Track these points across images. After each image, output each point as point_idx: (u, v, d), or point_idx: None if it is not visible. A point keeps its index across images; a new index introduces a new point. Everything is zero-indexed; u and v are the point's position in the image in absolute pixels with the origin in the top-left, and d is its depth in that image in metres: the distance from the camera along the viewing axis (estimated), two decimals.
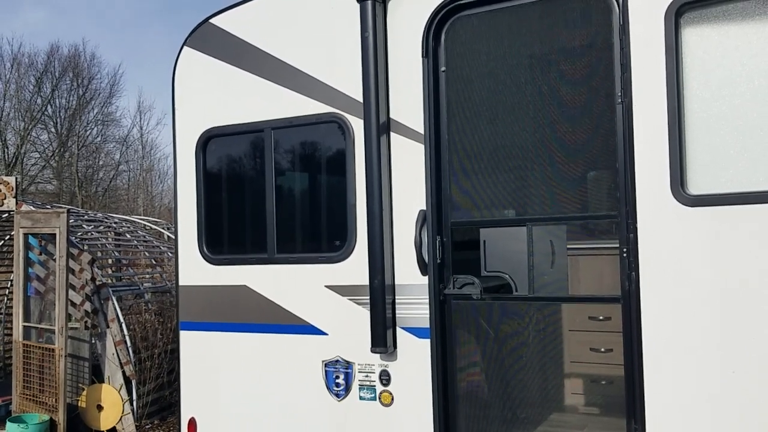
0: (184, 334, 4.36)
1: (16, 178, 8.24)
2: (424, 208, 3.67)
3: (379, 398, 3.78)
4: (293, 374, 4.00)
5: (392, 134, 3.78)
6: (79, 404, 7.77)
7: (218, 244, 4.30)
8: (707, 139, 3.02)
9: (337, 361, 3.88)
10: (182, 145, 4.39)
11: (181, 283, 4.37)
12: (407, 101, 3.75)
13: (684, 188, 3.04)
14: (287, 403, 4.03)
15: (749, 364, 2.90)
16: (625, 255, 3.20)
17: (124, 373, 7.78)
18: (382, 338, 3.66)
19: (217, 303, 4.24)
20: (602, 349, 4.01)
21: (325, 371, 3.91)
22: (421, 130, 3.69)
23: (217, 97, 4.29)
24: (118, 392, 7.72)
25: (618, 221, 3.24)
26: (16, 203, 7.97)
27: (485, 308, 3.63)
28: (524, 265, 3.51)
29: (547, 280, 3.52)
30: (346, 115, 3.90)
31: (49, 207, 8.96)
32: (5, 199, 7.99)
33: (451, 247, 3.67)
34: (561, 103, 3.49)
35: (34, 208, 8.07)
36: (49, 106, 33.97)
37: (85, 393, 7.77)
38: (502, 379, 3.76)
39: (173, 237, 5.26)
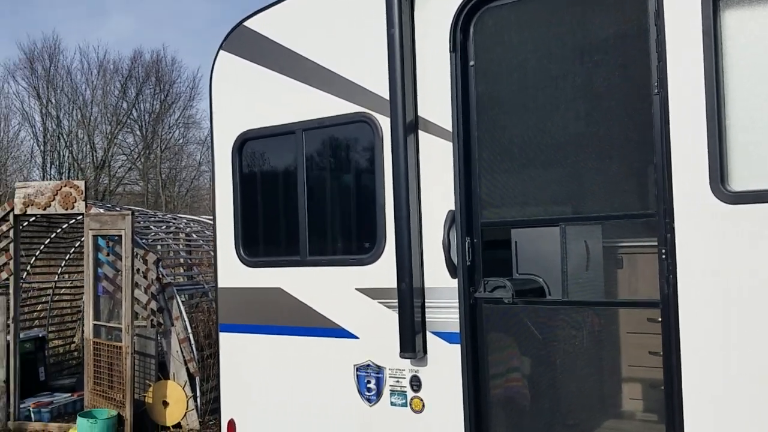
0: (223, 336, 4.41)
1: (86, 182, 8.60)
2: (453, 208, 3.55)
3: (410, 404, 3.69)
4: (327, 378, 3.96)
5: (420, 132, 3.68)
6: (146, 400, 8.04)
7: (254, 247, 4.32)
8: (750, 132, 2.77)
9: (368, 365, 3.82)
10: (219, 148, 4.43)
11: (219, 285, 4.41)
12: (435, 98, 3.64)
13: (724, 184, 2.80)
14: (322, 406, 3.99)
15: None
16: (663, 257, 2.98)
17: (188, 369, 8.00)
18: (411, 343, 3.57)
19: (253, 305, 4.26)
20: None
21: (357, 375, 3.85)
22: (450, 128, 3.57)
23: (252, 100, 4.30)
24: (183, 389, 7.94)
25: (656, 220, 3.03)
26: (86, 206, 8.31)
27: (517, 312, 3.47)
28: (557, 268, 3.34)
29: (582, 282, 3.33)
30: (375, 114, 3.82)
31: (118, 209, 9.31)
32: (75, 202, 8.35)
33: (481, 249, 3.53)
34: (595, 96, 3.29)
35: (102, 211, 8.40)
36: (134, 110, 35.50)
37: (151, 389, 8.04)
38: (544, 385, 3.59)
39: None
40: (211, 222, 11.56)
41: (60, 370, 10.88)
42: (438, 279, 3.61)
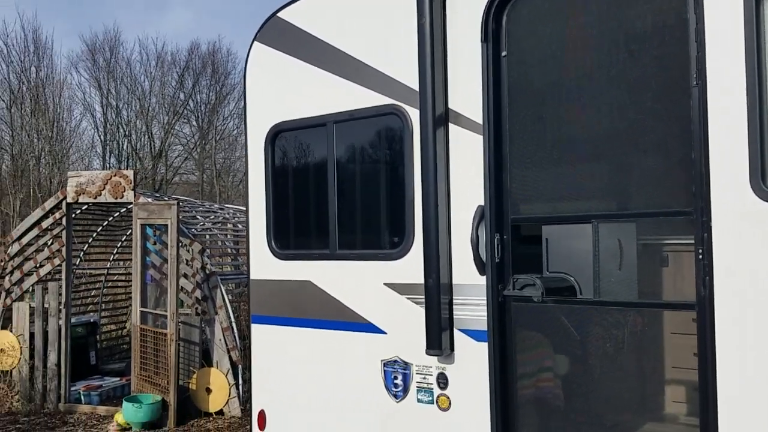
0: (254, 328, 4.43)
1: (135, 171, 8.80)
2: (483, 203, 3.46)
3: (437, 402, 3.63)
4: (354, 372, 3.94)
5: (450, 125, 3.60)
6: (190, 386, 8.21)
7: (285, 239, 4.32)
8: None
9: (395, 361, 3.78)
10: (253, 140, 4.44)
11: (252, 276, 4.44)
12: (466, 90, 3.55)
13: (765, 181, 2.63)
14: (349, 400, 3.98)
15: None
16: (700, 257, 2.83)
17: (230, 358, 8.12)
18: (437, 340, 3.51)
19: (284, 297, 4.27)
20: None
21: (384, 371, 3.82)
22: (481, 120, 3.48)
23: (284, 92, 4.30)
24: (225, 376, 8.07)
25: (693, 219, 2.88)
26: (134, 195, 8.51)
27: (547, 311, 3.37)
28: (589, 266, 3.22)
29: (615, 282, 3.20)
30: (405, 107, 3.76)
31: (166, 198, 9.50)
32: (124, 191, 8.55)
33: (510, 246, 3.43)
34: (630, 88, 3.14)
35: (150, 200, 8.59)
36: (190, 101, 36.19)
37: (195, 376, 8.19)
38: (574, 386, 3.48)
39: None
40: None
41: (111, 355, 11.23)
42: (466, 276, 3.53)
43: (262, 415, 4.34)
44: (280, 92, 4.31)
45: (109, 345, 11.47)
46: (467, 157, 3.54)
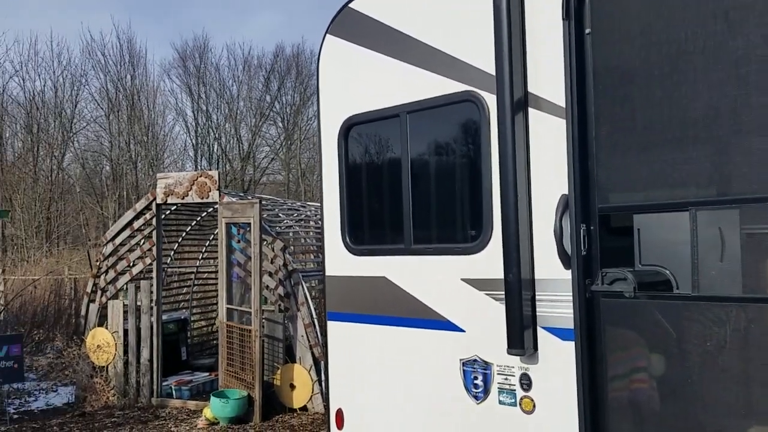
0: (330, 325, 4.36)
1: (219, 172, 8.97)
2: (567, 192, 3.23)
3: (520, 404, 3.42)
4: (432, 372, 3.78)
5: (530, 110, 3.38)
6: (274, 382, 8.29)
7: (359, 235, 4.21)
8: None
9: (474, 360, 3.60)
10: (326, 135, 4.36)
11: (327, 273, 4.36)
12: (546, 72, 3.33)
13: None
14: (427, 400, 3.83)
15: None
16: None
17: (313, 354, 8.14)
18: (519, 339, 3.30)
19: (359, 294, 4.16)
20: None
21: (463, 371, 3.64)
22: (563, 104, 3.25)
23: (356, 85, 4.19)
24: (308, 372, 8.10)
25: None
26: (219, 195, 8.67)
27: (640, 308, 3.09)
28: (687, 258, 2.93)
29: (716, 275, 2.89)
30: (481, 93, 3.57)
31: (249, 197, 9.64)
32: (210, 191, 8.73)
33: (598, 237, 3.18)
34: (731, 62, 2.82)
35: (233, 200, 8.72)
36: (276, 103, 37.00)
37: (279, 372, 8.26)
38: (671, 388, 3.19)
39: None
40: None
41: (201, 350, 11.54)
42: (550, 270, 3.31)
43: (339, 414, 4.26)
44: (353, 85, 4.21)
45: (199, 341, 11.80)
46: (549, 144, 3.31)
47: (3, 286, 16.24)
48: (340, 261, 4.26)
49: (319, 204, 11.39)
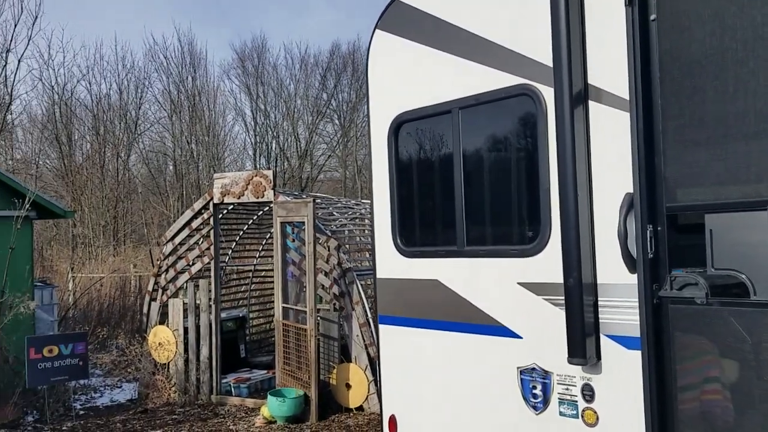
0: (382, 329, 4.23)
1: (274, 171, 8.97)
2: (631, 190, 3.01)
3: (582, 416, 3.22)
4: (488, 380, 3.62)
5: (590, 103, 3.18)
6: (330, 381, 8.24)
7: (410, 236, 4.08)
8: None
9: (533, 369, 3.41)
10: (376, 133, 4.24)
11: (378, 275, 4.24)
12: (608, 62, 3.11)
13: None
14: (483, 410, 3.66)
15: None
16: None
17: (368, 354, 8.06)
18: (580, 347, 3.11)
19: (411, 297, 4.02)
20: None
21: (521, 379, 3.46)
22: (626, 96, 3.03)
23: (407, 80, 4.05)
24: (364, 372, 8.02)
25: None
26: (274, 194, 8.67)
27: (713, 315, 2.86)
28: (765, 261, 2.68)
29: None
30: (538, 86, 3.37)
31: (304, 196, 9.63)
32: (265, 190, 8.74)
33: (666, 238, 2.96)
34: None
35: (288, 199, 8.71)
36: (332, 101, 37.19)
37: (334, 371, 8.21)
38: (749, 402, 2.94)
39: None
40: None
41: (260, 348, 11.63)
42: (613, 274, 3.10)
43: (393, 421, 4.14)
44: (403, 81, 4.07)
45: (258, 338, 11.90)
46: (611, 139, 3.10)
47: (72, 284, 16.82)
48: (391, 263, 4.13)
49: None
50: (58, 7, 40.46)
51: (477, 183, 3.71)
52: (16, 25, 28.14)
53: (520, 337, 3.47)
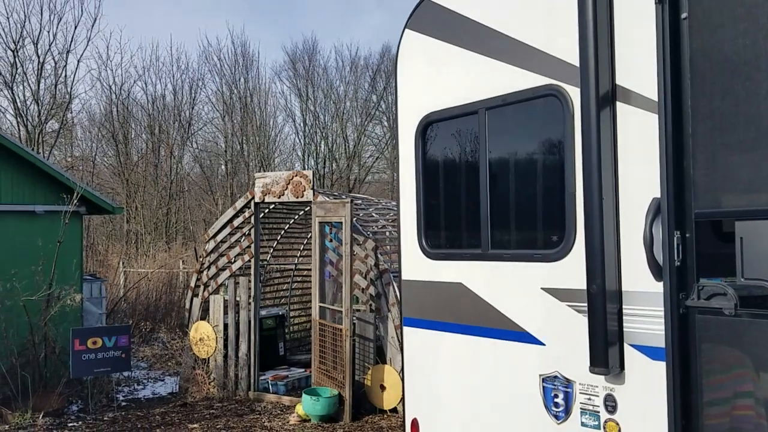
0: (407, 331, 4.20)
1: (313, 171, 9.02)
2: (659, 195, 2.90)
3: (604, 428, 3.12)
4: (510, 386, 3.55)
5: (618, 104, 3.08)
6: (365, 382, 8.24)
7: (436, 238, 4.03)
8: None
9: (555, 377, 3.33)
10: (403, 133, 4.21)
11: (403, 277, 4.20)
12: (637, 62, 3.01)
13: None
14: (505, 416, 3.59)
15: None
16: None
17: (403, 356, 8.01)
18: (603, 356, 3.01)
19: (435, 300, 3.98)
20: None
21: (543, 387, 3.38)
22: (655, 97, 2.93)
23: (435, 80, 4.01)
24: (399, 374, 7.98)
25: None
26: (313, 194, 8.73)
27: (743, 327, 2.73)
28: None
29: None
30: (564, 86, 3.29)
31: (344, 197, 9.65)
32: (305, 190, 8.81)
33: (694, 246, 2.84)
34: None
35: (327, 199, 8.75)
36: (382, 102, 37.28)
37: (369, 372, 8.21)
38: None
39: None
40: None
41: (299, 346, 11.72)
42: (638, 281, 2.99)
43: (415, 424, 4.10)
44: (430, 81, 4.03)
45: (298, 336, 11.99)
46: (639, 141, 3.00)
47: (123, 278, 17.30)
48: (417, 265, 4.09)
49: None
50: (116, 8, 41.74)
51: (502, 185, 3.64)
52: (76, 27, 29.16)
53: (543, 344, 3.38)
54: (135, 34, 49.54)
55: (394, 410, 8.04)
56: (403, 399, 4.25)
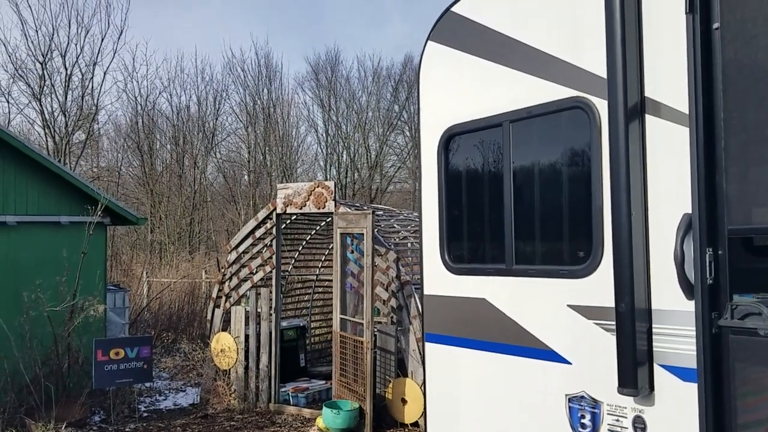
0: (428, 347, 4.12)
1: (335, 182, 9.00)
2: (690, 210, 2.81)
3: None
4: (535, 405, 3.45)
5: (647, 117, 2.99)
6: (386, 396, 8.16)
7: (459, 252, 3.95)
8: None
9: (582, 397, 3.23)
10: (426, 146, 4.15)
11: (425, 291, 4.13)
12: (667, 73, 2.93)
13: None
14: None
15: None
16: None
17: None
18: (632, 377, 2.91)
19: (458, 316, 3.90)
20: None
21: (569, 407, 3.28)
22: (686, 110, 2.84)
23: (457, 93, 3.95)
24: (420, 388, 7.89)
25: None
26: (335, 205, 8.69)
27: None
28: None
29: None
30: (592, 98, 3.21)
31: (365, 207, 9.61)
32: (326, 201, 8.78)
33: (728, 263, 2.74)
34: None
35: (348, 210, 8.71)
36: (404, 112, 37.30)
37: (390, 385, 8.12)
38: None
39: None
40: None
41: (320, 357, 11.66)
42: (669, 300, 2.90)
43: None
44: (453, 93, 3.97)
45: (319, 347, 11.94)
46: (669, 155, 2.91)
47: (146, 288, 17.41)
48: (439, 279, 4.02)
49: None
50: (142, 21, 42.35)
51: (527, 199, 3.57)
52: (102, 40, 29.56)
53: (570, 363, 3.29)
54: (160, 46, 50.20)
55: (416, 424, 7.94)
56: (424, 415, 4.16)
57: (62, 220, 9.73)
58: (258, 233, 9.49)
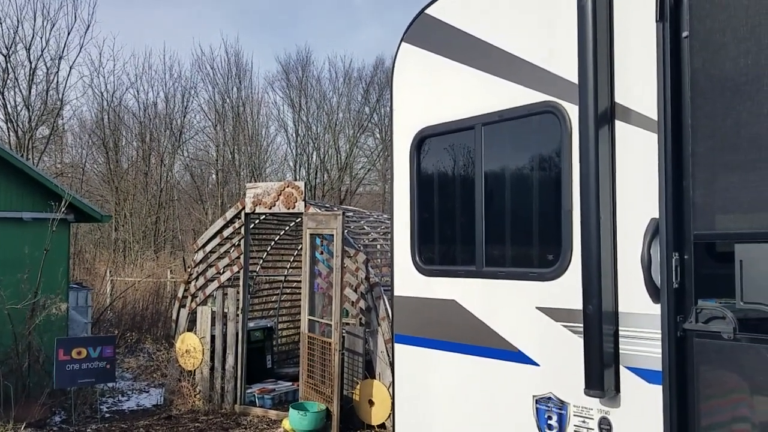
0: (398, 348, 4.13)
1: (305, 182, 8.96)
2: (657, 215, 2.86)
3: None
4: (503, 407, 3.48)
5: (616, 122, 3.04)
6: (353, 397, 8.14)
7: (430, 254, 3.96)
8: None
9: (549, 398, 3.26)
10: (398, 148, 4.15)
11: (395, 293, 4.13)
12: (636, 80, 2.98)
13: None
14: None
15: None
16: None
17: (393, 371, 7.91)
18: (598, 378, 2.95)
19: (428, 317, 3.91)
20: None
21: (536, 408, 3.31)
22: (655, 116, 2.89)
23: (431, 94, 3.96)
24: (388, 389, 7.88)
25: None
26: (305, 206, 8.65)
27: (741, 351, 2.68)
28: None
29: None
30: (562, 103, 3.25)
31: (335, 209, 9.58)
32: (296, 201, 8.73)
33: (693, 268, 2.79)
34: None
35: (318, 211, 8.68)
36: (374, 115, 37.31)
37: (358, 387, 8.11)
38: None
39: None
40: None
41: (287, 358, 11.59)
42: (635, 303, 2.94)
43: None
44: (426, 95, 3.99)
45: (286, 349, 11.87)
46: (638, 161, 2.96)
47: (110, 286, 17.11)
48: (409, 281, 4.02)
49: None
50: (110, 16, 41.69)
51: (498, 202, 3.59)
52: (69, 33, 29.06)
53: (537, 365, 3.32)
54: (128, 41, 49.48)
55: (383, 426, 7.94)
56: (392, 416, 4.16)
57: (24, 216, 9.51)
58: (226, 233, 9.39)
